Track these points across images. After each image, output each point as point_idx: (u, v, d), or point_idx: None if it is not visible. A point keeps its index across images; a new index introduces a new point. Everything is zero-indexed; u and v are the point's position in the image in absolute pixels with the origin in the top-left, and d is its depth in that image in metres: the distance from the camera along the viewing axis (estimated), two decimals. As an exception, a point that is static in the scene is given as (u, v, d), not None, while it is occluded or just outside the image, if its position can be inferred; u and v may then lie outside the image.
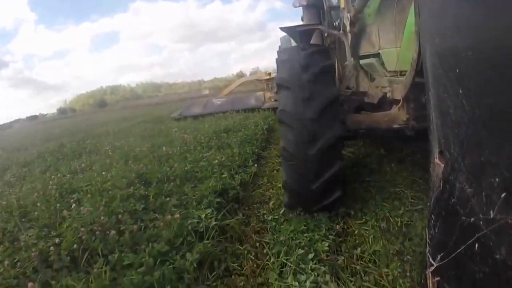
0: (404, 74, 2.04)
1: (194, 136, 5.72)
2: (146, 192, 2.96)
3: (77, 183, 3.72)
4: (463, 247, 0.63)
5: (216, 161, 3.73)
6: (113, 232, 2.13)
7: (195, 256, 1.84)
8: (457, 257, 0.65)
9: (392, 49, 2.22)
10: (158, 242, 1.97)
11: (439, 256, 0.69)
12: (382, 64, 2.56)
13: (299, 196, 2.43)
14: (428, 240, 0.75)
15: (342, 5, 2.95)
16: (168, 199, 2.77)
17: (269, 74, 11.40)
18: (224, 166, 3.58)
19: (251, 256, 2.05)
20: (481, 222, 0.59)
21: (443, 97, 0.70)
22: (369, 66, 2.91)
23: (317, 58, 2.45)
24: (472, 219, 0.61)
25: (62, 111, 44.55)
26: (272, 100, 10.04)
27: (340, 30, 3.30)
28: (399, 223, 2.23)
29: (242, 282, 1.81)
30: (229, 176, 3.28)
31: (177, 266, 1.78)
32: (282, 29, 3.23)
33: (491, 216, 0.57)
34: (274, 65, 2.86)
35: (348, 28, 2.89)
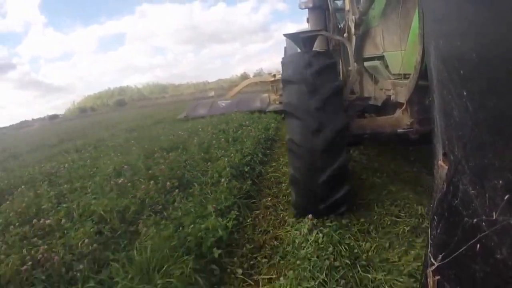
0: (408, 77, 2.04)
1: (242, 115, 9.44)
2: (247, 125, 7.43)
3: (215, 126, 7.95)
4: (465, 247, 0.64)
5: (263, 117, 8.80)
6: (240, 131, 6.70)
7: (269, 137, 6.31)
8: (458, 257, 0.66)
9: (396, 52, 2.22)
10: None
11: (440, 256, 0.70)
12: (386, 66, 2.57)
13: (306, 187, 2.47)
14: (429, 240, 0.76)
15: (347, 7, 2.96)
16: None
17: (274, 76, 11.31)
18: (269, 118, 8.52)
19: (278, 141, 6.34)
20: (483, 223, 0.60)
21: (447, 99, 0.71)
22: (373, 69, 2.92)
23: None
24: (475, 220, 0.61)
25: (82, 110, 46.41)
26: (277, 102, 10.02)
27: (345, 32, 3.30)
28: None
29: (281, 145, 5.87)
30: (272, 122, 7.98)
31: (260, 138, 5.87)
32: (286, 35, 3.25)
33: (494, 217, 0.57)
34: (278, 66, 2.99)
35: (353, 30, 2.90)
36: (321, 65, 2.49)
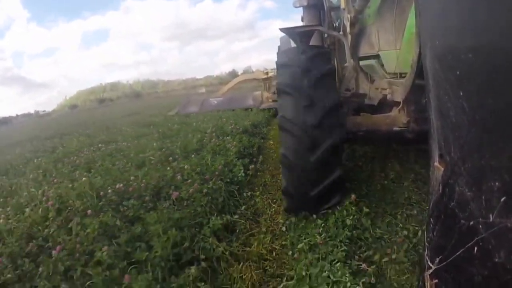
0: (404, 76, 2.03)
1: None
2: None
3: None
4: (462, 250, 0.63)
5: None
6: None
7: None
8: (455, 260, 0.65)
9: (391, 51, 2.21)
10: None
11: (437, 259, 0.69)
12: (382, 65, 2.56)
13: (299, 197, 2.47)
14: (426, 243, 0.75)
15: (343, 5, 2.94)
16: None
17: (267, 73, 11.21)
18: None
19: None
20: (480, 226, 0.59)
21: (444, 99, 0.70)
22: (369, 68, 2.91)
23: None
24: (472, 222, 0.61)
25: (100, 101, 48.71)
26: (270, 100, 9.95)
27: (340, 31, 3.29)
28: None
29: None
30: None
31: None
32: (281, 30, 3.21)
33: (491, 219, 0.56)
34: (265, 64, 2.98)
35: (348, 28, 2.88)
36: (320, 73, 2.42)
